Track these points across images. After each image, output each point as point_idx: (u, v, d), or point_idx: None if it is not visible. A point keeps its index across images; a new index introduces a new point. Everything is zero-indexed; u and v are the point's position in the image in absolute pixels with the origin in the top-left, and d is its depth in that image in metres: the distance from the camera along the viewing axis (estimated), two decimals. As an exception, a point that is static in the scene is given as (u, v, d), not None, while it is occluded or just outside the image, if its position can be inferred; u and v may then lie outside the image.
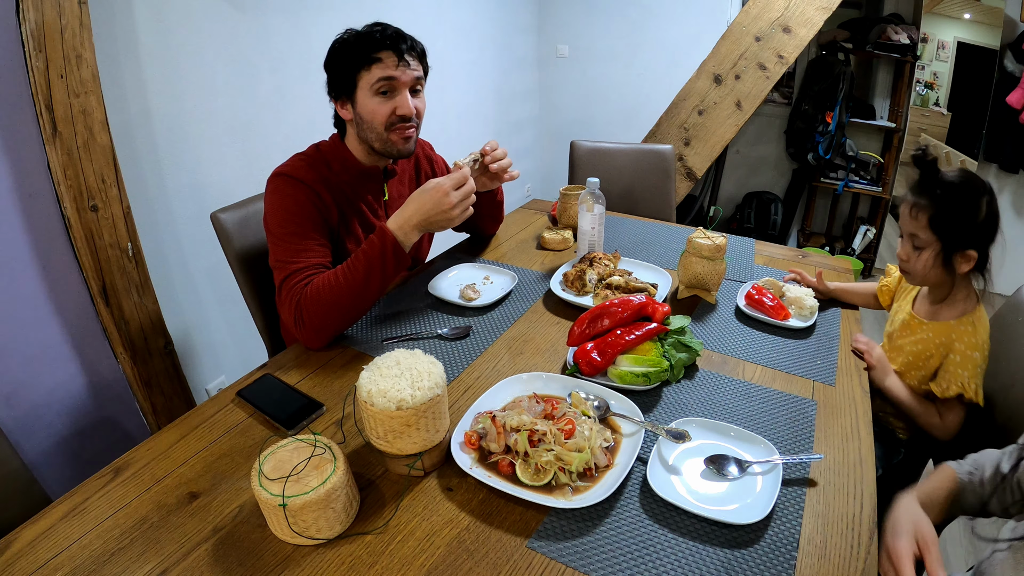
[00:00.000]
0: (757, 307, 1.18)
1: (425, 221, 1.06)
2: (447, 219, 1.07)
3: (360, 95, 1.11)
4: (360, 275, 1.03)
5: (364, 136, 1.15)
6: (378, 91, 1.09)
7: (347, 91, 1.11)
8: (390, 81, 1.09)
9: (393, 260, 1.05)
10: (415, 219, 1.06)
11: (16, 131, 1.28)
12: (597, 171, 2.07)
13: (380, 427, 0.73)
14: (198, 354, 1.86)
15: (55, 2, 1.24)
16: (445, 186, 1.05)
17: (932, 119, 3.07)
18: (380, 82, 1.09)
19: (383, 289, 1.07)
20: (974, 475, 0.80)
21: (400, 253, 1.06)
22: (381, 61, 1.08)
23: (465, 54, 2.94)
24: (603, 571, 0.66)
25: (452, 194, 1.05)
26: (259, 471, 0.69)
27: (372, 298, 1.06)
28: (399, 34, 1.10)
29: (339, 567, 0.66)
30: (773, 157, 3.44)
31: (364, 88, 1.10)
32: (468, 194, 1.08)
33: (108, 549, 0.68)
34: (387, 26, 1.10)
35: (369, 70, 1.08)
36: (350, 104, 1.13)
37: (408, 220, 1.06)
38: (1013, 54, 2.58)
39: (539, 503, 0.72)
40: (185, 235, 1.73)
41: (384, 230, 1.05)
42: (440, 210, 1.05)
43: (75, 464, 1.49)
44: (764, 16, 2.67)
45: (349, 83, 1.10)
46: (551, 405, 0.85)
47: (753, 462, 0.79)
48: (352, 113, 1.14)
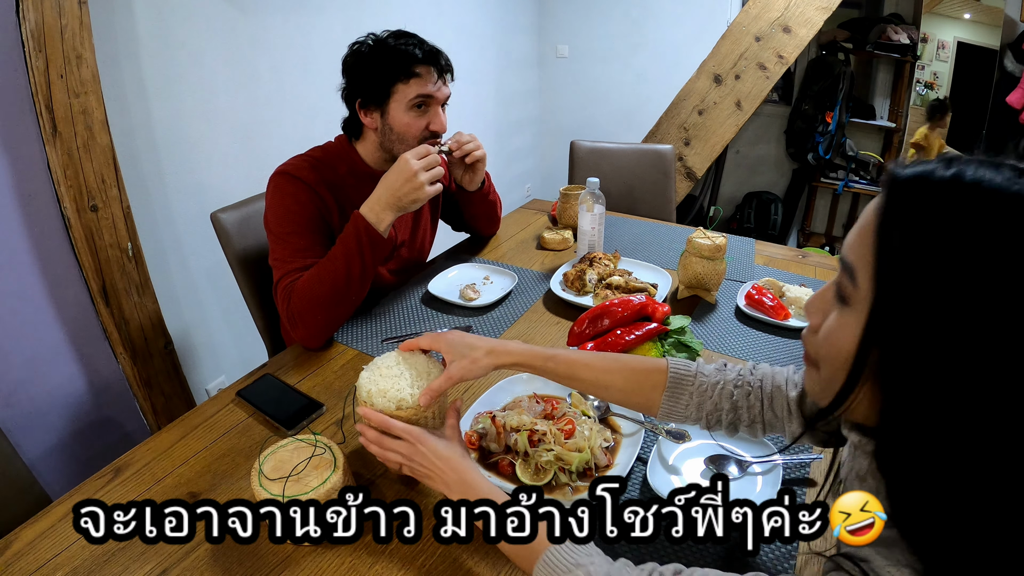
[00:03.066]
0: (757, 307, 1.18)
1: (394, 199, 1.04)
2: (415, 190, 1.04)
3: (394, 107, 1.10)
4: (341, 265, 1.02)
5: (389, 146, 1.15)
6: (414, 106, 1.10)
7: (378, 100, 1.10)
8: (427, 98, 1.10)
9: (369, 244, 1.04)
10: (385, 198, 1.04)
11: (16, 131, 1.28)
12: (597, 171, 2.07)
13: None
14: (198, 354, 1.86)
15: (55, 2, 1.24)
16: (405, 157, 1.04)
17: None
18: (418, 98, 1.09)
19: (366, 277, 1.06)
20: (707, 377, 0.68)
21: (375, 235, 1.04)
22: (420, 76, 1.08)
23: (465, 54, 2.94)
24: (603, 571, 0.66)
25: (413, 162, 1.03)
26: (259, 471, 0.69)
27: (356, 288, 1.05)
28: (437, 49, 1.11)
29: (339, 567, 0.66)
30: (773, 157, 3.44)
31: (400, 101, 1.09)
32: (432, 163, 1.06)
33: (108, 549, 0.68)
34: (422, 39, 1.10)
35: (407, 83, 1.08)
36: (378, 113, 1.12)
37: (378, 200, 1.05)
38: (1013, 54, 2.58)
39: (539, 503, 0.72)
40: (185, 235, 1.73)
41: (356, 216, 1.04)
42: (405, 180, 1.03)
43: (75, 464, 1.49)
44: (764, 16, 2.67)
45: (382, 93, 1.09)
46: (551, 405, 0.85)
47: (753, 462, 0.79)
48: (379, 123, 1.13)
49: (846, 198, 3.36)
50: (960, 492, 0.37)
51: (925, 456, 0.38)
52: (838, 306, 0.44)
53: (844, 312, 0.43)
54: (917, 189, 0.38)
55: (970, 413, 0.36)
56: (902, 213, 0.39)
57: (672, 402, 0.68)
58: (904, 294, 0.38)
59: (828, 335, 0.45)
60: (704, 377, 0.68)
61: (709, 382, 0.68)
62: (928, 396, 0.37)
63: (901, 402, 0.39)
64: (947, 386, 0.36)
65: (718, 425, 0.68)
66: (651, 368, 0.69)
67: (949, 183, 0.37)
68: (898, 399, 0.39)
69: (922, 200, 0.38)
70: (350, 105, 1.15)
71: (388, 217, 1.05)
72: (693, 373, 0.68)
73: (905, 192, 0.39)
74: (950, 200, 0.37)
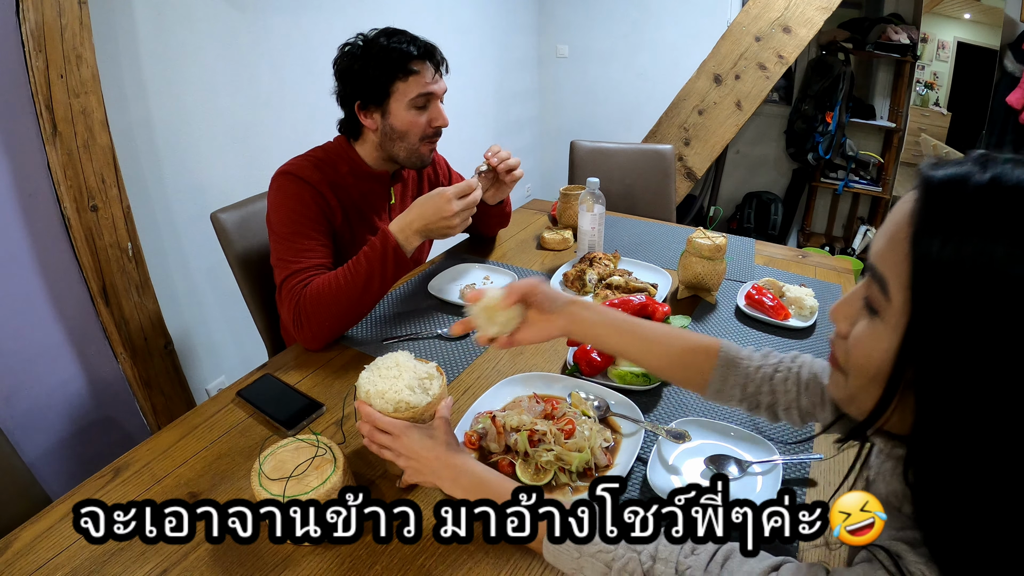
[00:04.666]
0: (757, 307, 1.18)
1: (426, 228, 1.06)
2: (447, 227, 1.06)
3: (395, 106, 1.10)
4: (361, 278, 1.03)
5: (390, 146, 1.15)
6: (415, 105, 1.10)
7: (377, 101, 1.10)
8: (428, 95, 1.10)
9: (394, 264, 1.05)
10: (416, 224, 1.05)
11: (16, 131, 1.28)
12: (597, 171, 2.07)
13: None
14: (198, 354, 1.86)
15: (55, 2, 1.24)
16: (448, 194, 1.04)
17: (932, 119, 3.06)
18: (420, 97, 1.09)
19: (383, 292, 1.07)
20: (753, 360, 0.69)
21: (401, 257, 1.05)
22: (418, 73, 1.08)
23: (465, 54, 2.94)
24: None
25: (455, 203, 1.05)
26: (259, 471, 0.69)
27: (371, 301, 1.06)
28: (431, 44, 1.11)
29: (339, 567, 0.66)
30: (773, 157, 3.44)
31: (400, 100, 1.09)
32: (471, 204, 1.08)
33: (108, 549, 0.68)
34: (414, 35, 1.10)
35: (406, 82, 1.08)
36: (378, 114, 1.12)
37: (410, 225, 1.05)
38: (1013, 54, 2.57)
39: (539, 503, 0.72)
40: (185, 235, 1.73)
41: (387, 233, 1.04)
42: (441, 217, 1.04)
43: (75, 464, 1.49)
44: (764, 16, 2.67)
45: (380, 94, 1.09)
46: (551, 405, 0.85)
47: (753, 462, 0.79)
48: (379, 123, 1.13)
49: (846, 198, 3.36)
50: (990, 502, 0.36)
51: (958, 467, 0.37)
52: (868, 316, 0.41)
53: (875, 323, 0.41)
54: (954, 194, 0.36)
55: (1007, 426, 0.35)
56: (939, 221, 0.36)
57: (720, 382, 0.69)
58: (944, 310, 0.35)
59: (857, 345, 0.42)
60: (750, 361, 0.70)
61: (753, 365, 0.69)
62: (967, 412, 0.36)
63: (937, 416, 0.38)
64: (986, 402, 0.35)
65: (758, 408, 0.69)
66: (703, 346, 0.71)
67: (989, 188, 0.35)
68: (935, 414, 0.38)
69: (961, 207, 0.35)
70: (347, 107, 1.15)
71: (416, 241, 1.07)
72: (743, 356, 0.70)
73: (941, 197, 0.36)
74: (992, 207, 0.34)
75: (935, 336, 0.36)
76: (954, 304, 0.35)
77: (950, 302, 0.35)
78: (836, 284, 1.33)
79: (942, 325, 0.36)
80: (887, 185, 3.16)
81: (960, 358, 0.35)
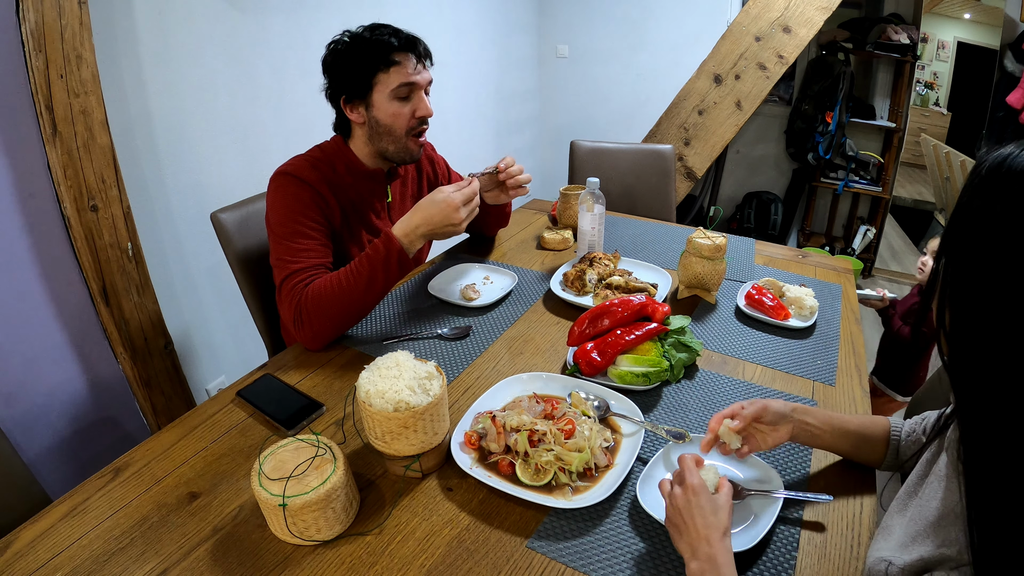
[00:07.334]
0: (757, 307, 1.18)
1: (431, 231, 1.06)
2: (452, 231, 1.07)
3: (377, 99, 1.10)
4: (363, 279, 1.03)
5: (377, 140, 1.15)
6: (398, 96, 1.10)
7: (360, 94, 1.11)
8: (410, 85, 1.10)
9: (397, 267, 1.05)
10: (422, 229, 1.05)
11: (16, 131, 1.28)
12: (597, 171, 2.07)
13: (378, 428, 0.73)
14: (198, 354, 1.86)
15: (55, 2, 1.24)
16: (456, 200, 1.05)
17: (932, 119, 3.07)
18: (402, 87, 1.09)
19: (384, 294, 1.07)
20: (911, 436, 0.77)
21: (404, 260, 1.05)
22: (400, 64, 1.08)
23: (465, 54, 2.94)
24: (603, 571, 0.66)
25: (462, 210, 1.05)
26: (259, 471, 0.69)
27: (373, 302, 1.06)
28: (414, 37, 1.11)
29: (339, 567, 0.66)
30: (773, 157, 3.44)
31: (382, 92, 1.10)
32: (475, 208, 1.09)
33: (108, 549, 0.68)
34: (397, 28, 1.10)
35: (387, 73, 1.08)
36: (363, 107, 1.12)
37: (415, 229, 1.05)
38: (1013, 54, 2.58)
39: (539, 503, 0.72)
40: (185, 235, 1.73)
41: (390, 237, 1.04)
42: (448, 222, 1.05)
43: (75, 464, 1.49)
44: (764, 16, 2.67)
45: (363, 86, 1.10)
46: (551, 405, 0.85)
47: (751, 492, 0.74)
48: (365, 116, 1.13)
49: (846, 198, 3.36)
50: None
51: (1002, 428, 0.46)
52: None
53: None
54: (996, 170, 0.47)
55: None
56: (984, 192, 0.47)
57: (893, 456, 0.78)
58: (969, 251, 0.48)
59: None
60: (907, 433, 0.78)
61: (913, 438, 0.77)
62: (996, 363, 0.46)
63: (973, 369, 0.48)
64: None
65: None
66: (878, 430, 0.78)
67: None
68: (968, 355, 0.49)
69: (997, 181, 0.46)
70: (335, 103, 1.15)
71: (419, 244, 1.07)
72: (908, 431, 0.77)
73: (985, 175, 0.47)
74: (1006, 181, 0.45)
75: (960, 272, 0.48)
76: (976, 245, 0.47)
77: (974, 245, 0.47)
78: (836, 284, 1.33)
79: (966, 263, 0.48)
80: (887, 185, 3.16)
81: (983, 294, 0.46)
